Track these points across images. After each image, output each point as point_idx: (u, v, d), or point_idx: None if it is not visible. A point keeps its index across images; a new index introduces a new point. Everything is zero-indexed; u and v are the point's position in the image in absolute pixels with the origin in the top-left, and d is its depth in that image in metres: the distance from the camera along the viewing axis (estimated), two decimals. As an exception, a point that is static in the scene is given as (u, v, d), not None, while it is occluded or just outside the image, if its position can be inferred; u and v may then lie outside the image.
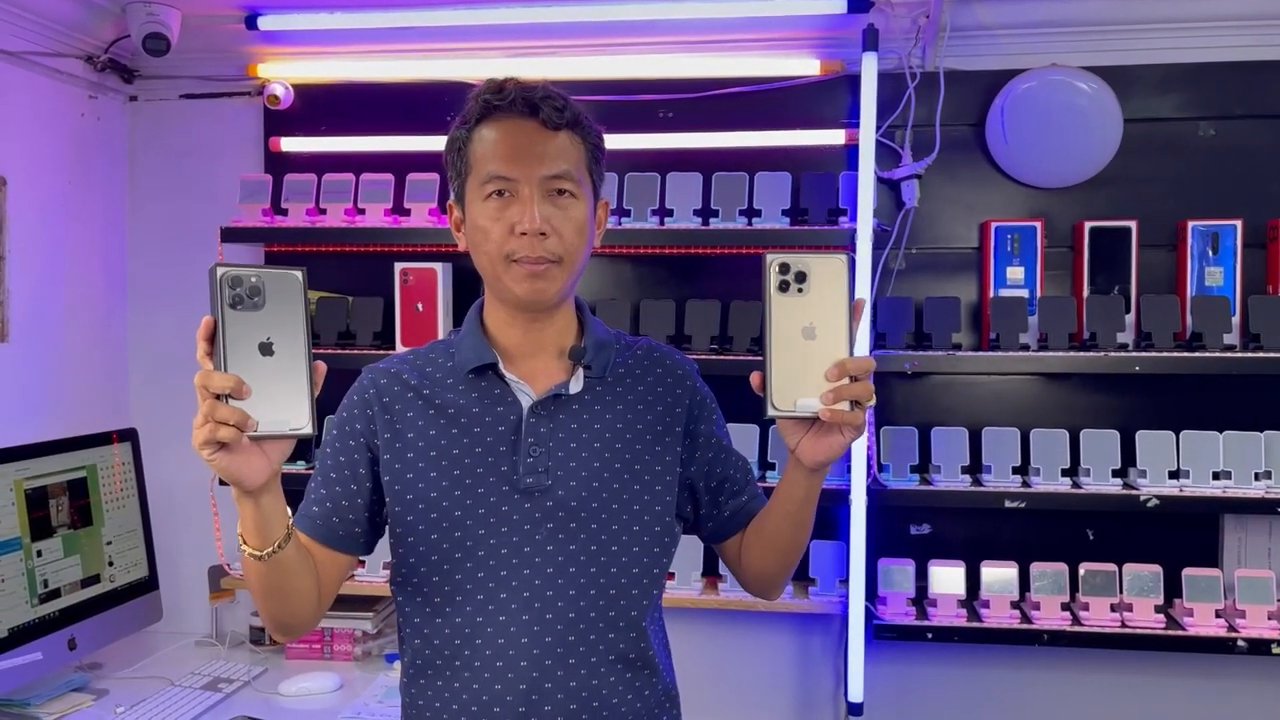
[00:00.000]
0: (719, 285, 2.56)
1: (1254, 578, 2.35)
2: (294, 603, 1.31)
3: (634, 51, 2.58)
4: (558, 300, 1.36)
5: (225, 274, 1.08)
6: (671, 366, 1.46)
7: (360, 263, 2.67)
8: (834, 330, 1.19)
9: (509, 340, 1.39)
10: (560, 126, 1.33)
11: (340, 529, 1.38)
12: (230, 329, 1.08)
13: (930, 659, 2.56)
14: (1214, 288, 2.41)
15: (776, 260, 1.20)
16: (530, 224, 1.29)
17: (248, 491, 1.15)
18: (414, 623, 1.37)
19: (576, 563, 1.33)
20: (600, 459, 1.35)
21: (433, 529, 1.33)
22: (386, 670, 2.48)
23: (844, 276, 1.19)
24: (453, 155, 1.38)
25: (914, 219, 2.53)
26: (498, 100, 1.33)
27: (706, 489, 1.45)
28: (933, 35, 2.44)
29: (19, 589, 2.15)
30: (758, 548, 1.44)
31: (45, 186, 2.55)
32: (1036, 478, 2.40)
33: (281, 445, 1.13)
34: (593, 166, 1.38)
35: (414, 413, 1.37)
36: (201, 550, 2.67)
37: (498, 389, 1.37)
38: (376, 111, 2.70)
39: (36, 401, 2.53)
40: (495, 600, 1.32)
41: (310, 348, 1.11)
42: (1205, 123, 2.49)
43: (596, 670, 1.33)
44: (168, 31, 2.51)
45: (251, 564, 1.23)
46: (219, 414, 1.06)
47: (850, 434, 1.21)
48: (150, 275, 2.82)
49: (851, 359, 1.18)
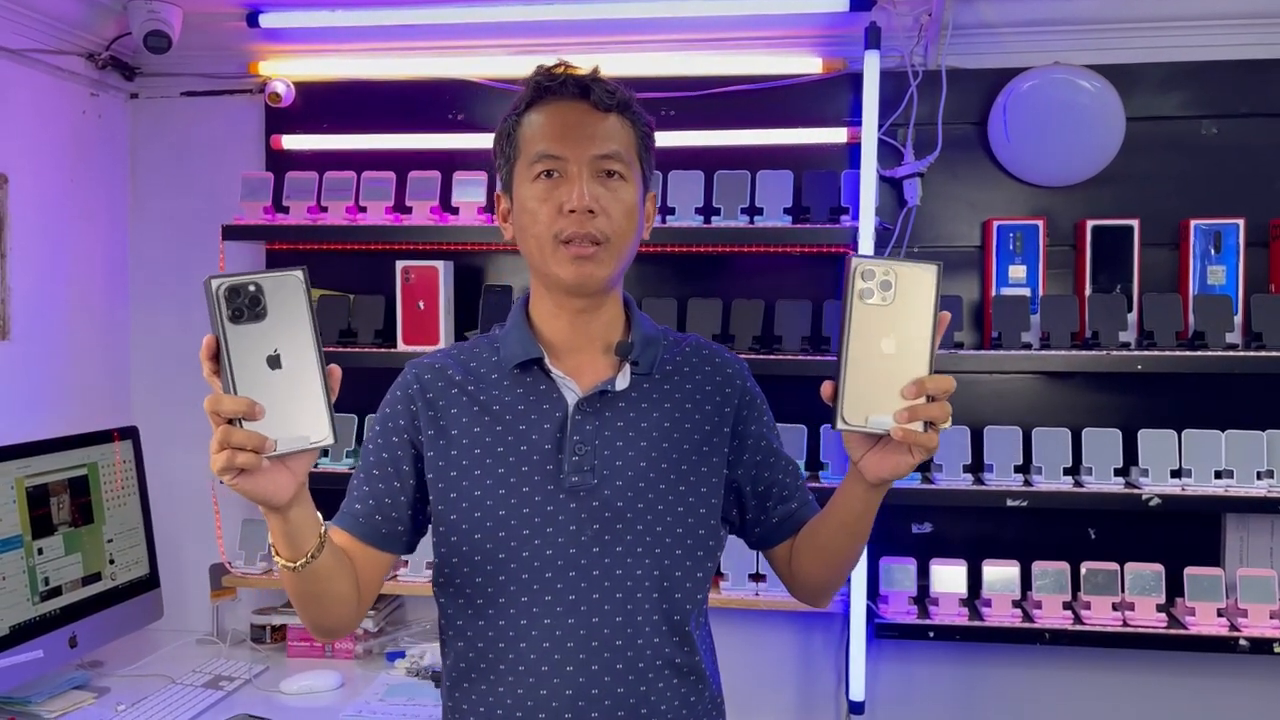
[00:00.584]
0: (721, 284, 2.56)
1: (1256, 577, 2.35)
2: (332, 607, 1.29)
3: (636, 49, 2.58)
4: (605, 287, 1.33)
5: (221, 286, 1.02)
6: (721, 365, 1.42)
7: (362, 261, 2.67)
8: (915, 344, 1.11)
9: (555, 333, 1.36)
10: (611, 108, 1.31)
11: (383, 527, 1.35)
12: (234, 345, 1.03)
13: (932, 658, 2.56)
14: (1216, 286, 2.40)
15: (862, 265, 1.11)
16: (579, 201, 1.26)
17: (275, 508, 1.12)
18: (457, 625, 1.35)
19: (623, 565, 1.30)
20: (647, 458, 1.32)
21: (476, 529, 1.31)
22: (387, 668, 2.48)
23: (932, 287, 1.11)
24: (501, 143, 1.36)
25: (916, 217, 2.53)
26: (549, 82, 1.32)
27: (754, 493, 1.41)
28: (935, 33, 2.44)
29: (20, 587, 2.15)
30: (810, 556, 1.39)
31: (46, 184, 2.55)
32: (1038, 476, 2.40)
33: (304, 458, 1.10)
34: (643, 154, 1.35)
35: (458, 409, 1.34)
36: (202, 548, 2.67)
37: (543, 385, 1.34)
38: (378, 109, 2.69)
39: (37, 399, 2.52)
40: (540, 603, 1.29)
41: (321, 352, 1.06)
42: (1208, 121, 2.48)
43: (644, 676, 1.30)
44: (169, 29, 2.50)
45: (286, 574, 1.21)
46: (234, 439, 1.02)
47: (920, 455, 1.15)
48: (151, 273, 2.82)
49: (931, 378, 1.12)
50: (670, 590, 1.32)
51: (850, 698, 2.42)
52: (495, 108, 2.63)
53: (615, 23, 2.49)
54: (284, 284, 1.05)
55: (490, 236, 2.53)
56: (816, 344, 2.49)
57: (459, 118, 2.68)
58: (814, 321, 2.49)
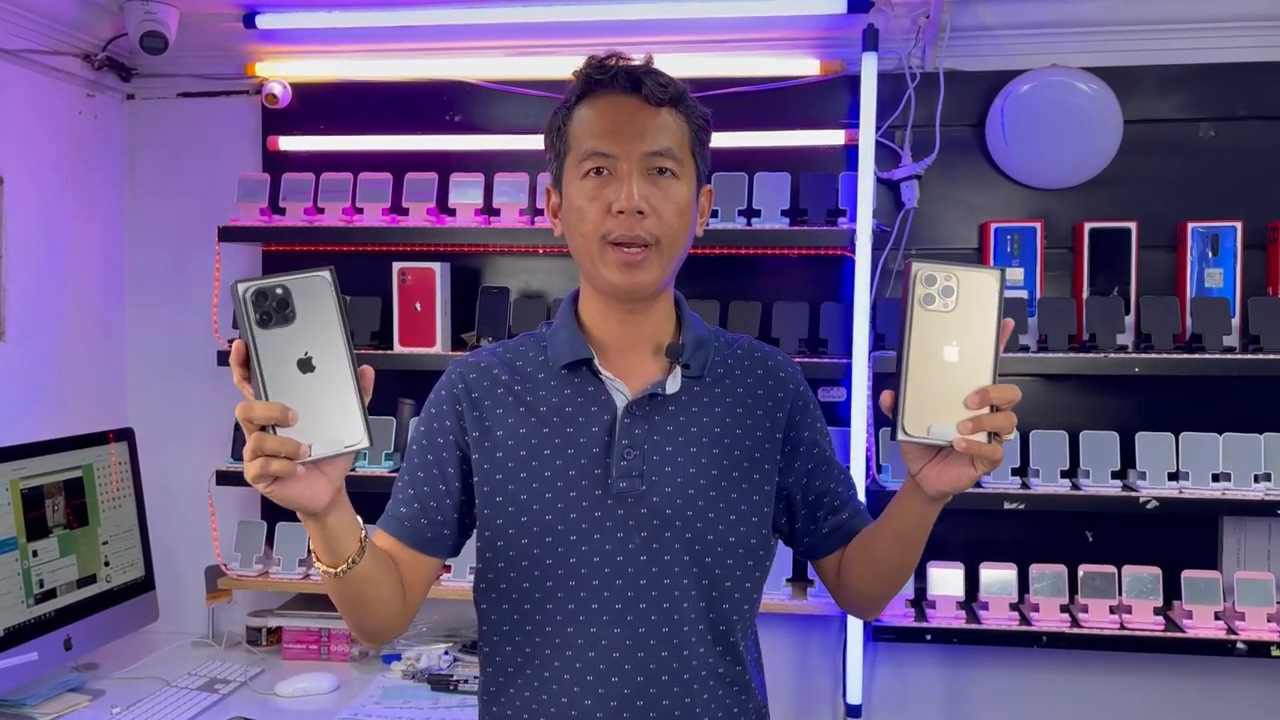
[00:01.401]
0: (718, 285, 2.55)
1: (1253, 580, 2.34)
2: (376, 610, 1.27)
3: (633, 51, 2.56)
4: (655, 290, 1.29)
5: (248, 290, 1.01)
6: (774, 368, 1.38)
7: (358, 262, 2.67)
8: (978, 352, 1.08)
9: (604, 333, 1.33)
10: (663, 103, 1.27)
11: (428, 531, 1.33)
12: (264, 350, 1.01)
13: (929, 661, 2.55)
14: (1214, 289, 2.40)
15: (924, 270, 1.07)
16: (628, 201, 1.23)
17: (312, 514, 1.09)
18: (502, 631, 1.31)
19: (670, 574, 1.27)
20: (697, 464, 1.29)
21: (522, 533, 1.28)
22: (384, 671, 2.47)
23: (995, 293, 1.07)
24: (551, 137, 1.33)
25: (914, 220, 2.53)
26: (599, 75, 1.28)
27: (804, 502, 1.38)
28: (933, 35, 2.44)
29: (15, 589, 2.14)
30: (861, 568, 1.35)
31: (43, 185, 2.54)
32: (1036, 479, 2.39)
33: (340, 462, 1.07)
34: (696, 148, 1.31)
35: (504, 410, 1.31)
36: (198, 550, 2.66)
37: (591, 386, 1.31)
38: (375, 110, 2.69)
39: (33, 400, 2.52)
40: (586, 610, 1.26)
41: (353, 353, 1.04)
42: (1205, 124, 2.48)
43: (689, 687, 1.27)
44: (165, 30, 2.50)
45: (328, 579, 1.18)
46: (267, 446, 1.00)
47: (983, 467, 1.11)
48: (148, 274, 2.81)
49: (996, 386, 1.08)
50: (718, 600, 1.29)
51: (847, 700, 2.42)
52: (492, 109, 2.63)
53: (612, 24, 2.48)
54: (312, 285, 1.02)
55: (487, 238, 2.53)
56: (814, 346, 2.49)
57: (456, 119, 2.67)
58: (811, 323, 2.49)
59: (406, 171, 2.59)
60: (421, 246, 2.57)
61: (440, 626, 2.64)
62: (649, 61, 1.31)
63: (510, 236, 2.51)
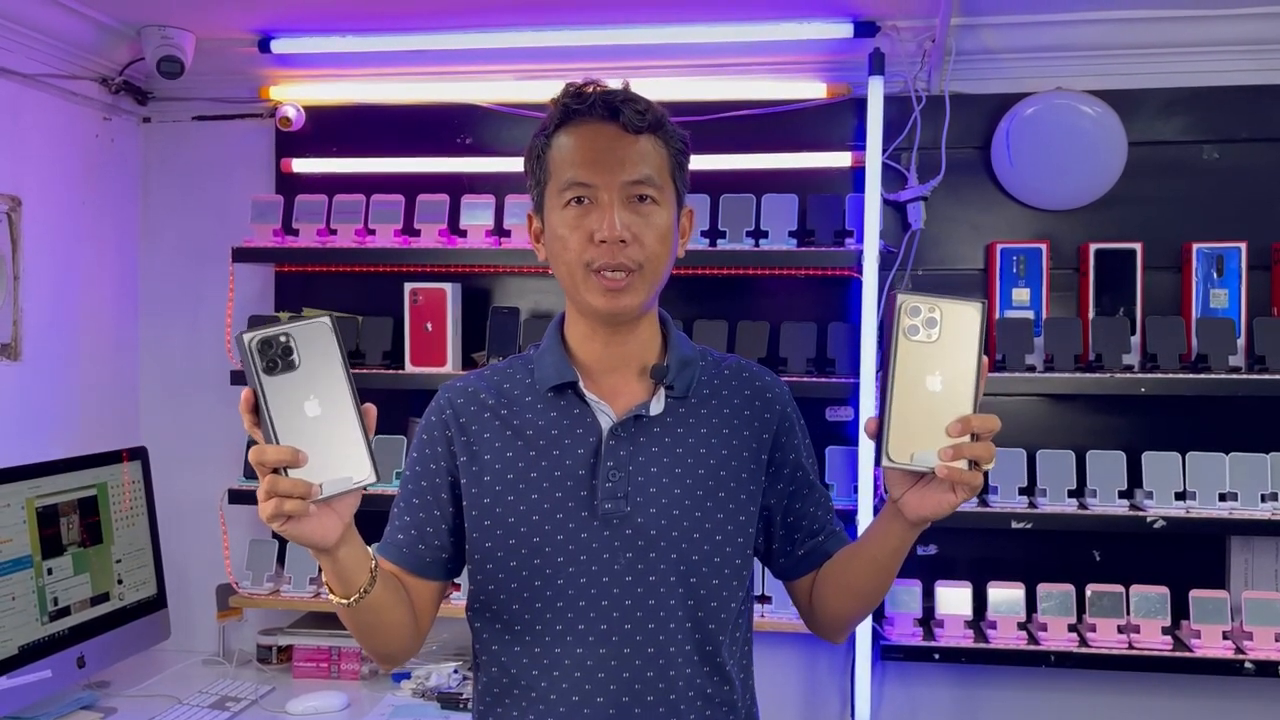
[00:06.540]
0: (726, 305, 2.57)
1: (1261, 599, 2.34)
2: (390, 634, 1.30)
3: (642, 74, 2.60)
4: (639, 312, 1.31)
5: (253, 340, 1.06)
6: (761, 388, 1.39)
7: (370, 283, 2.69)
8: (960, 381, 1.11)
9: (589, 355, 1.35)
10: (642, 130, 1.28)
11: (426, 556, 1.36)
12: (272, 396, 1.06)
13: (937, 680, 2.55)
14: (1219, 309, 2.41)
15: (909, 302, 1.11)
16: (609, 231, 1.25)
17: (324, 550, 1.13)
18: (491, 650, 1.34)
19: (656, 594, 1.28)
20: (681, 485, 1.30)
21: (511, 555, 1.30)
22: (393, 689, 2.48)
23: (977, 324, 1.11)
24: (531, 164, 1.34)
25: (920, 241, 2.55)
26: (577, 104, 1.29)
27: (783, 523, 1.39)
28: (938, 59, 2.46)
29: (29, 607, 2.16)
30: (834, 590, 1.37)
31: (59, 207, 2.58)
32: (1043, 498, 2.40)
33: (349, 499, 1.12)
34: (676, 172, 1.33)
35: (491, 434, 1.33)
36: (210, 568, 2.67)
37: (577, 409, 1.32)
38: (387, 133, 2.72)
39: (48, 420, 2.54)
40: (573, 631, 1.28)
41: (355, 394, 1.09)
42: (1209, 146, 2.50)
43: (676, 708, 1.28)
44: (182, 54, 2.53)
45: (341, 609, 1.22)
46: (280, 488, 1.05)
47: (964, 494, 1.13)
48: (162, 295, 2.84)
49: (977, 415, 1.11)
50: (704, 620, 1.31)
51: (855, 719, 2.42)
52: (503, 131, 2.66)
53: (622, 48, 2.51)
54: (314, 330, 1.08)
55: (498, 259, 2.55)
56: (821, 366, 2.50)
57: (467, 141, 2.70)
58: (819, 343, 2.50)
59: (418, 193, 2.61)
60: (433, 267, 2.60)
61: (450, 645, 2.65)
62: (626, 87, 1.32)
63: (521, 257, 2.53)
